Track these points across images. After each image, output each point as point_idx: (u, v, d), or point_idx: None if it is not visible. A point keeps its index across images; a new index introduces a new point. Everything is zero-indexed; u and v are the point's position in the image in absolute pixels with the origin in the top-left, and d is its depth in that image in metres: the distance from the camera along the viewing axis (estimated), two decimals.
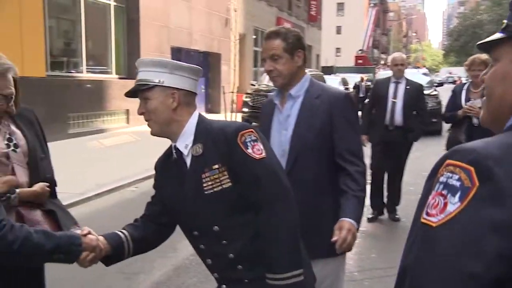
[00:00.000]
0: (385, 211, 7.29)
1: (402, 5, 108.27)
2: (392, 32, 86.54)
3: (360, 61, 39.74)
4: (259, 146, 2.13)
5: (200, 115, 2.27)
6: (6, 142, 3.04)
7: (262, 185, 1.99)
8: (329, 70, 28.66)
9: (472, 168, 0.98)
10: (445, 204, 0.99)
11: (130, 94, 2.31)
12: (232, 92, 18.97)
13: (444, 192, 1.00)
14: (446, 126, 9.32)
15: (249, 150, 2.09)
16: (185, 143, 2.20)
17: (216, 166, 2.09)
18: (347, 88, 21.68)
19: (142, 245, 2.52)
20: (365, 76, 25.53)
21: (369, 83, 22.87)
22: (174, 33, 19.34)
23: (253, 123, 10.87)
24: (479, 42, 1.31)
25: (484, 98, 1.25)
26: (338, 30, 61.51)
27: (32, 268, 2.94)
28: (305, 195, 2.76)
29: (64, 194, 7.60)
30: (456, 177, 0.99)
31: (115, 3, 16.73)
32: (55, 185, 3.28)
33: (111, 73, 16.99)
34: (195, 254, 2.59)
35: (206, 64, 22.95)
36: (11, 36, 11.81)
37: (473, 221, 0.95)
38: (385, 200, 7.32)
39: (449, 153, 1.08)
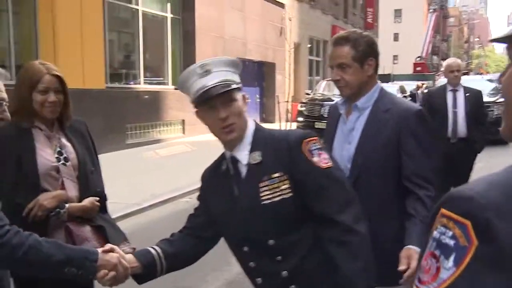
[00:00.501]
0: None
1: (464, 10, 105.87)
2: (453, 38, 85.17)
3: (418, 68, 38.91)
4: (325, 155, 2.04)
5: (256, 123, 2.18)
6: (56, 155, 3.02)
7: (328, 196, 1.89)
8: (386, 78, 28.18)
9: (468, 222, 0.83)
10: (438, 269, 0.84)
11: (208, 97, 2.04)
12: (287, 102, 19.17)
13: (437, 252, 0.86)
14: None
15: (315, 159, 1.99)
16: (245, 151, 2.09)
17: (277, 175, 1.98)
18: (405, 96, 21.53)
19: (176, 262, 2.39)
20: (424, 83, 25.01)
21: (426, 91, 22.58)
22: (229, 43, 19.37)
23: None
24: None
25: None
26: (396, 37, 60.74)
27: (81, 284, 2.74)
28: (366, 218, 2.55)
29: (120, 204, 8.01)
30: (450, 233, 0.84)
31: (171, 15, 16.98)
32: (105, 199, 3.29)
33: (167, 84, 17.17)
34: None
35: (261, 73, 23.27)
36: (73, 50, 12.12)
37: (470, 285, 0.81)
38: None
39: (444, 198, 0.93)
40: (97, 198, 3.06)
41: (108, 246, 2.20)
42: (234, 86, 1.98)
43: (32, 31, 11.91)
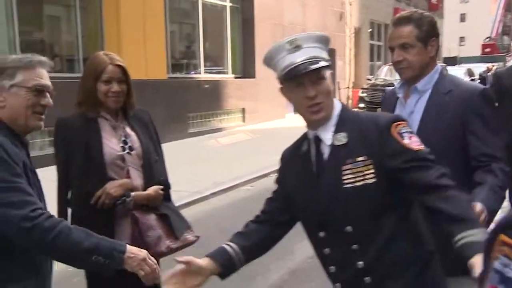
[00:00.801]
0: None
1: None
2: None
3: (487, 50, 37.45)
4: (416, 138, 1.95)
5: (342, 104, 2.07)
6: (121, 144, 3.06)
7: (425, 173, 1.78)
8: (452, 61, 27.54)
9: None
10: None
11: (296, 74, 1.93)
12: (348, 88, 19.31)
13: (501, 287, 0.79)
14: None
15: (406, 141, 1.90)
16: (329, 131, 1.98)
17: (361, 159, 1.89)
18: (473, 80, 21.04)
19: (254, 253, 2.33)
20: (495, 65, 24.08)
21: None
22: (288, 30, 18.72)
23: None
24: None
25: None
26: (462, 18, 58.80)
27: None
28: None
29: (183, 192, 8.11)
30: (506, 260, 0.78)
31: (230, 4, 17.16)
32: (169, 188, 3.31)
33: (227, 73, 17.34)
34: (313, 257, 2.41)
35: None
36: (136, 42, 12.49)
37: None
38: None
39: (503, 222, 0.85)
40: (161, 187, 3.11)
41: (143, 251, 2.20)
42: (323, 63, 1.87)
43: (98, 25, 12.27)
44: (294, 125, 4.79)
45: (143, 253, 2.15)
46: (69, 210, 3.16)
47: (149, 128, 3.23)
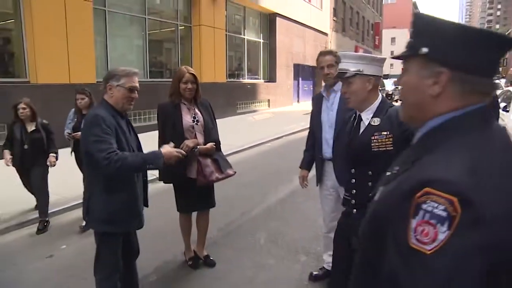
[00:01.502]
0: None
1: None
2: None
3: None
4: None
5: (383, 96, 1.95)
6: (192, 119, 3.08)
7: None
8: (386, 77, 30.60)
9: (455, 199, 0.72)
10: (436, 233, 0.72)
11: (336, 77, 2.04)
12: None
13: (433, 221, 0.73)
14: None
15: None
16: (368, 115, 1.94)
17: (385, 133, 1.84)
18: (397, 87, 22.38)
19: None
20: None
21: None
22: (295, 55, 20.31)
23: None
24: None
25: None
26: (392, 53, 64.42)
27: None
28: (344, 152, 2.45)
29: (230, 146, 8.03)
30: (442, 207, 0.73)
31: (263, 40, 18.01)
32: (219, 144, 3.22)
33: (260, 79, 17.98)
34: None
35: (313, 73, 23.53)
36: (211, 62, 13.59)
37: (462, 245, 0.70)
38: None
39: (426, 180, 0.76)
40: (214, 143, 3.13)
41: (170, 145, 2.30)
42: (348, 74, 1.84)
43: (189, 54, 13.19)
44: (297, 109, 4.24)
45: (173, 152, 2.26)
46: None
47: (208, 109, 3.22)
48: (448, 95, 0.87)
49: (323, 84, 3.06)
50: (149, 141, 3.34)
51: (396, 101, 22.91)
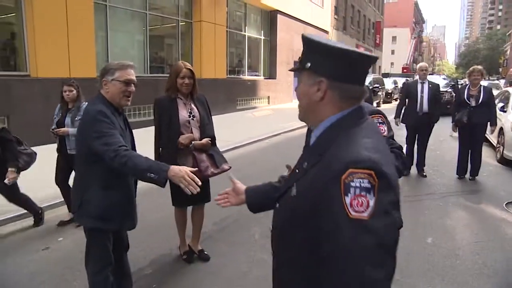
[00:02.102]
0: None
1: (431, 38, 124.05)
2: (425, 53, 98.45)
3: (405, 70, 42.76)
4: (383, 127, 1.94)
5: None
6: (188, 113, 3.09)
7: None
8: (386, 75, 30.74)
9: (372, 172, 0.93)
10: (368, 202, 0.91)
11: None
12: None
13: (363, 193, 0.92)
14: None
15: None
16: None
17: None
18: (396, 86, 22.72)
19: None
20: (408, 79, 27.30)
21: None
22: (296, 52, 19.95)
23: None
24: (290, 69, 1.26)
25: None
26: (392, 52, 66.12)
27: None
28: None
29: (228, 142, 8.22)
30: (366, 181, 0.92)
31: (263, 37, 17.99)
32: (215, 139, 3.25)
33: (260, 76, 17.98)
34: None
35: None
36: (210, 59, 13.64)
37: (383, 205, 0.92)
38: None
39: (349, 163, 0.95)
40: (210, 139, 3.15)
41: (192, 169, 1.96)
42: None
43: (189, 50, 13.21)
44: (296, 107, 3.99)
45: (182, 172, 1.94)
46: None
47: (204, 105, 3.22)
48: (330, 100, 1.08)
49: None
50: (148, 136, 3.47)
51: (396, 99, 23.00)
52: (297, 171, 1.14)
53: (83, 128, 2.20)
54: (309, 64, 1.09)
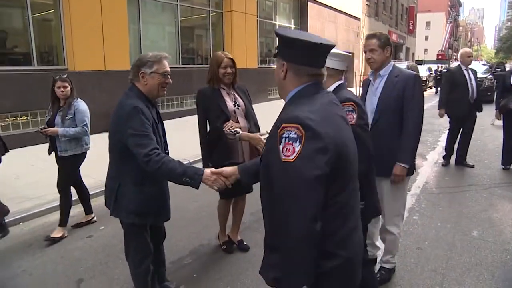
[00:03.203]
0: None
1: (468, 22, 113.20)
2: (461, 38, 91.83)
3: (440, 57, 40.59)
4: (353, 115, 2.01)
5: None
6: (233, 103, 3.08)
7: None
8: (420, 62, 29.83)
9: (299, 125, 1.21)
10: (294, 148, 1.19)
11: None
12: (360, 75, 18.98)
13: (290, 142, 1.20)
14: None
15: (349, 116, 1.96)
16: None
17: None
18: (431, 73, 22.06)
19: None
20: (443, 66, 26.43)
21: (445, 70, 23.58)
22: None
23: None
24: (273, 55, 1.47)
25: None
26: (426, 38, 63.56)
27: None
28: (383, 136, 2.62)
29: (263, 129, 8.64)
30: (293, 132, 1.21)
31: (294, 26, 17.66)
32: (259, 128, 3.19)
33: None
34: None
35: None
36: (242, 48, 13.63)
37: (308, 150, 1.19)
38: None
39: (283, 120, 1.26)
40: (265, 135, 2.55)
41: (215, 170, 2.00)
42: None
43: (220, 40, 13.30)
44: None
45: (214, 176, 2.01)
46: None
47: (246, 94, 3.22)
48: (289, 78, 1.40)
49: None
50: (181, 126, 3.47)
51: (431, 87, 22.20)
52: (270, 134, 1.40)
53: (117, 122, 2.18)
54: (276, 51, 1.42)
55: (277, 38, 1.42)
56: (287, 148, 1.22)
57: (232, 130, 2.87)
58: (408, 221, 4.02)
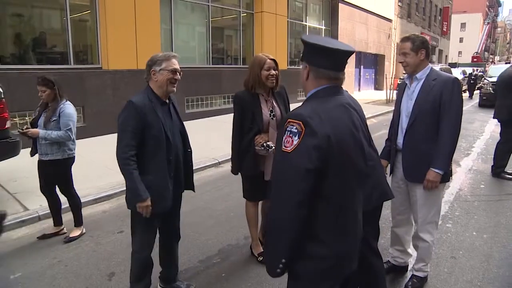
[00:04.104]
0: None
1: (508, 22, 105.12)
2: (499, 40, 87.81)
3: (475, 60, 39.18)
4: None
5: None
6: (269, 112, 2.93)
7: None
8: (453, 65, 28.74)
9: (300, 122, 1.36)
10: (292, 141, 1.35)
11: None
12: (391, 78, 18.88)
13: (291, 135, 1.36)
14: None
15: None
16: None
17: None
18: (465, 76, 21.17)
19: None
20: (478, 69, 25.72)
21: (481, 73, 22.92)
22: (358, 42, 19.76)
23: None
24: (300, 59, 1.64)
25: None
26: (461, 40, 60.98)
27: None
28: (418, 140, 2.60)
29: None
30: (294, 127, 1.36)
31: (324, 27, 17.80)
32: None
33: None
34: None
35: (376, 61, 23.51)
36: (271, 48, 13.31)
37: (305, 145, 1.34)
38: None
39: (289, 115, 1.42)
40: None
41: None
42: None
43: (251, 40, 13.36)
44: (357, 98, 3.77)
45: (145, 202, 2.26)
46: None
47: (284, 98, 3.06)
48: (310, 79, 1.55)
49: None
50: (210, 126, 3.47)
51: (464, 91, 21.47)
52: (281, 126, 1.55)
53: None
54: (302, 55, 1.58)
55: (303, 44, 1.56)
56: (287, 140, 1.37)
57: (265, 144, 2.83)
58: (441, 229, 3.87)
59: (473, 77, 20.68)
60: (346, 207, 1.48)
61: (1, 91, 4.33)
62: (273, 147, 2.75)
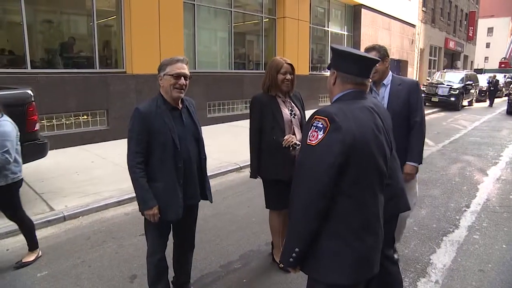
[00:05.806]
0: None
1: None
2: None
3: (503, 65, 37.84)
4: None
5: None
6: (289, 112, 2.98)
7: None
8: (479, 71, 28.07)
9: (326, 118, 1.44)
10: (317, 135, 1.43)
11: None
12: None
13: (316, 130, 1.44)
14: None
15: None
16: None
17: None
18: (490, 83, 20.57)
19: None
20: (507, 75, 25.38)
21: (509, 79, 23.30)
22: None
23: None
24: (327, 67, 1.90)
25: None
26: (487, 45, 58.65)
27: None
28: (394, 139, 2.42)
29: None
30: (320, 123, 1.44)
31: (347, 33, 17.67)
32: None
33: None
34: None
35: (398, 67, 22.76)
36: (294, 54, 13.40)
37: (329, 139, 1.41)
38: None
39: (316, 112, 1.49)
40: None
41: None
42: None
43: (273, 46, 13.33)
44: None
45: (152, 210, 2.27)
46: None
47: (301, 102, 3.13)
48: (338, 84, 1.64)
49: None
50: (232, 130, 3.47)
51: (484, 99, 20.89)
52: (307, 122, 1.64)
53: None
54: (330, 62, 1.68)
55: (331, 52, 1.73)
56: (312, 134, 1.45)
57: (292, 144, 2.82)
58: (468, 240, 3.79)
59: (492, 84, 20.07)
60: (367, 205, 1.50)
61: (32, 94, 4.49)
62: (299, 146, 2.75)
